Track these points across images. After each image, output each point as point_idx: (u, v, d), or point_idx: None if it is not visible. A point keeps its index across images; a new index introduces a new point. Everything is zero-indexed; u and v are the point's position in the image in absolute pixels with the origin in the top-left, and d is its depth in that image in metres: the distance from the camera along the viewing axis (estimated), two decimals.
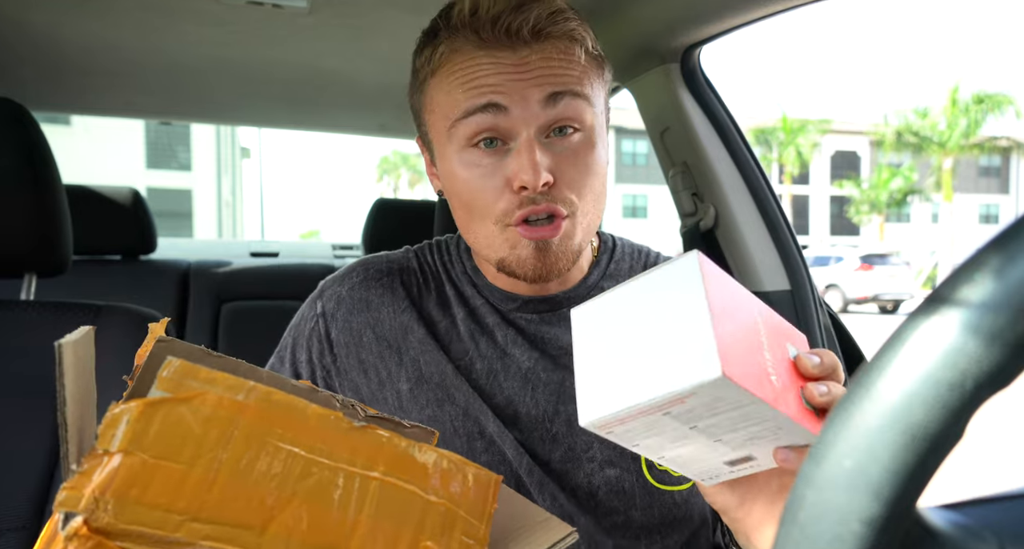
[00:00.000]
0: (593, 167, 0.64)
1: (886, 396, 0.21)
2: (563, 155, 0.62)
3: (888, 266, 15.24)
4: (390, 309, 0.73)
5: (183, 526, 0.33)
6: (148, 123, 18.90)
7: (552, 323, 0.72)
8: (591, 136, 0.64)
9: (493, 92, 0.60)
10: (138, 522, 0.32)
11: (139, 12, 1.13)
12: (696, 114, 1.16)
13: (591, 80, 0.64)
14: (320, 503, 0.36)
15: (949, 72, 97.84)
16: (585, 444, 0.67)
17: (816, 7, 0.94)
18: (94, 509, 0.31)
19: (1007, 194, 33.94)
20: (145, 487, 0.32)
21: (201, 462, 0.34)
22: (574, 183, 0.63)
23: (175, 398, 0.34)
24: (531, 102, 0.60)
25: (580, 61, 0.63)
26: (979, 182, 33.64)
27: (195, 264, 1.91)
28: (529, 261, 0.64)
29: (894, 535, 0.21)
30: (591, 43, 0.65)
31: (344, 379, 0.72)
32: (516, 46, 0.61)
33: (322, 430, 0.38)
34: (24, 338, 0.85)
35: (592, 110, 0.64)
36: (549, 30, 0.61)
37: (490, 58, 0.61)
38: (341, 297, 0.74)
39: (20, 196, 0.86)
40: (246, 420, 0.36)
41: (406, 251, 0.79)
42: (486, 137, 0.62)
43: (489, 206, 0.63)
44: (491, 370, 0.70)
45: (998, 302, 0.19)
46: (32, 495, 0.79)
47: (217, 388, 0.36)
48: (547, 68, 0.61)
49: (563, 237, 0.63)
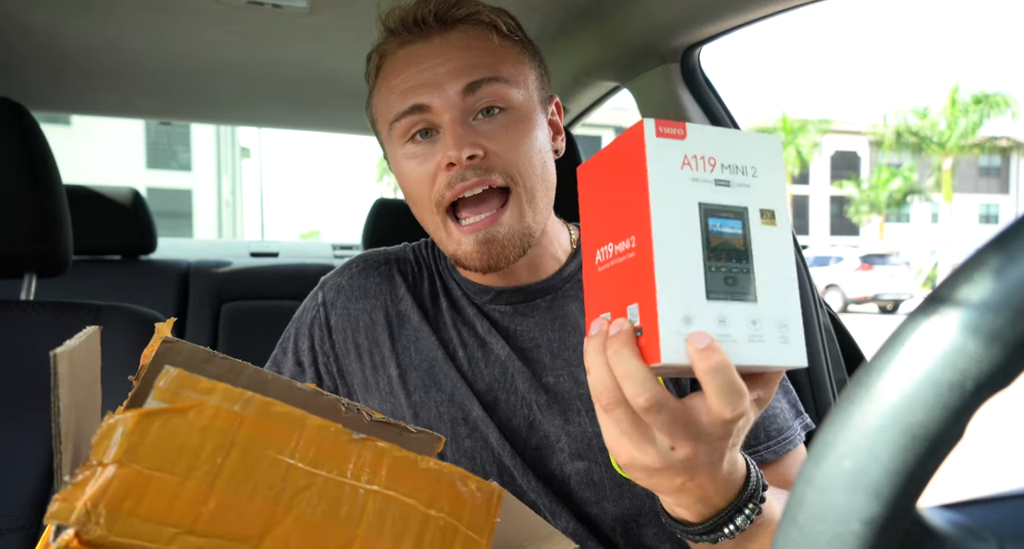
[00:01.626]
0: (527, 143, 0.66)
1: (886, 396, 0.21)
2: (492, 132, 0.65)
3: (888, 266, 15.24)
4: (387, 297, 0.76)
5: (176, 539, 0.32)
6: (148, 123, 18.90)
7: (525, 314, 0.73)
8: (522, 115, 0.67)
9: (415, 94, 0.65)
10: (130, 535, 0.31)
11: (140, 12, 1.13)
12: (696, 114, 1.16)
13: (510, 64, 0.67)
14: (317, 516, 0.36)
15: (949, 72, 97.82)
16: (555, 435, 0.68)
17: (816, 7, 0.94)
18: (86, 521, 0.31)
19: (1007, 194, 33.93)
20: (139, 499, 0.32)
21: (196, 474, 0.33)
22: (505, 156, 0.65)
23: (172, 408, 0.34)
24: (450, 93, 0.64)
25: (495, 46, 0.66)
26: (979, 182, 33.64)
27: (195, 264, 1.91)
28: (475, 254, 0.66)
29: (894, 535, 0.21)
30: (506, 27, 0.68)
31: (343, 364, 0.75)
32: (428, 35, 0.66)
33: (320, 442, 0.37)
34: (24, 338, 0.85)
35: (517, 91, 0.67)
36: (454, 14, 0.66)
37: (407, 55, 0.66)
38: (341, 286, 0.78)
39: (20, 196, 0.86)
40: (243, 431, 0.35)
41: (404, 246, 0.83)
42: (420, 129, 0.66)
43: (427, 193, 0.66)
44: (472, 358, 0.72)
45: (998, 302, 0.19)
46: (32, 495, 0.79)
47: (215, 398, 0.35)
48: (461, 57, 0.65)
49: (509, 224, 0.65)
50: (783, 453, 0.66)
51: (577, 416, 0.68)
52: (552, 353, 0.71)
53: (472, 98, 0.64)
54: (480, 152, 0.63)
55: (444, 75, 0.64)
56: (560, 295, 0.74)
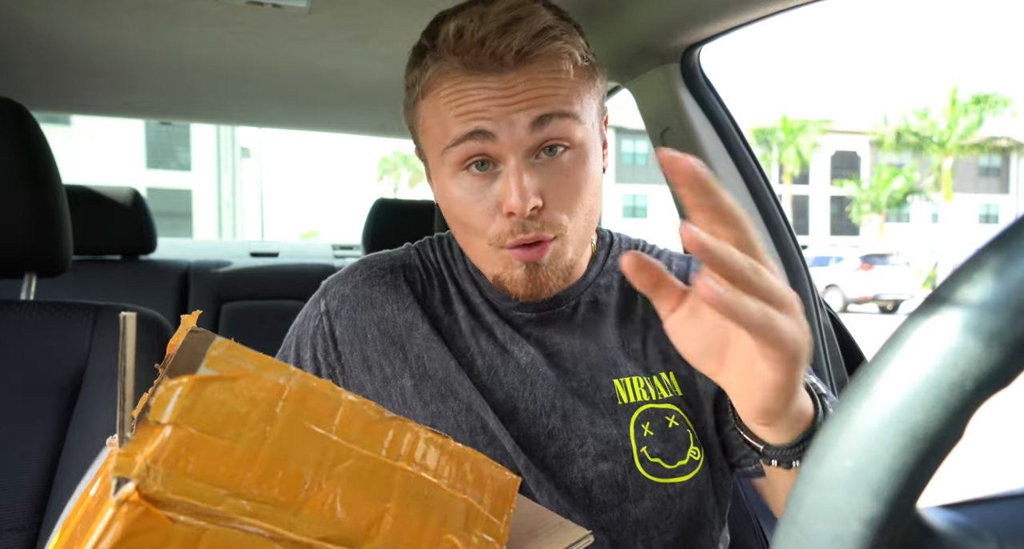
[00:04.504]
0: (585, 183, 0.65)
1: (886, 396, 0.21)
2: (553, 175, 0.63)
3: (888, 266, 15.24)
4: (394, 306, 0.74)
5: (224, 501, 0.33)
6: (148, 123, 18.86)
7: (550, 321, 0.72)
8: (582, 151, 0.64)
9: (480, 118, 0.61)
10: (184, 493, 0.33)
11: (139, 12, 1.13)
12: (696, 114, 1.17)
13: (580, 95, 0.64)
14: (352, 488, 0.37)
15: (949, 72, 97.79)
16: (579, 439, 0.68)
17: (816, 7, 0.94)
18: (145, 476, 0.32)
19: (1007, 194, 33.92)
20: (192, 460, 0.33)
21: (244, 440, 0.35)
22: (563, 203, 0.63)
23: (223, 377, 0.35)
24: (518, 126, 0.60)
25: (569, 77, 0.63)
26: (979, 182, 33.63)
27: (195, 264, 1.91)
28: (521, 281, 0.65)
29: (894, 535, 0.21)
30: (580, 54, 0.64)
31: (349, 376, 0.73)
32: (502, 71, 0.61)
33: (355, 418, 0.39)
34: (24, 338, 0.85)
35: (582, 126, 0.64)
36: (535, 52, 0.61)
37: (476, 82, 0.61)
38: (345, 295, 0.75)
39: (20, 196, 0.86)
40: (287, 403, 0.37)
41: (407, 248, 0.80)
42: (476, 160, 0.63)
43: (482, 228, 0.64)
44: (491, 366, 0.70)
45: (998, 302, 0.19)
46: (32, 495, 0.79)
47: (261, 370, 0.37)
48: (533, 90, 0.61)
49: (552, 257, 0.65)
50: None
51: (602, 419, 0.68)
52: (575, 358, 0.71)
53: (540, 133, 0.61)
54: (540, 202, 0.61)
55: (514, 106, 0.60)
56: (582, 301, 0.73)
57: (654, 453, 0.67)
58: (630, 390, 0.69)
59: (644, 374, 0.71)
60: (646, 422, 0.68)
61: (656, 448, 0.67)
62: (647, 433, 0.68)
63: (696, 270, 0.75)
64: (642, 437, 0.68)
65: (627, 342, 0.72)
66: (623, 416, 0.68)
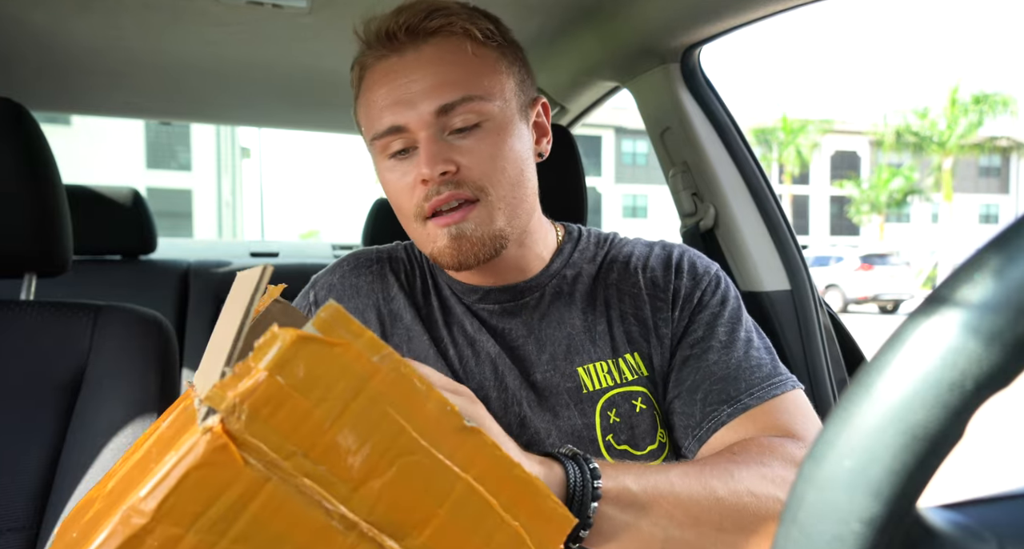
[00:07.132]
0: (500, 153, 0.67)
1: (886, 396, 0.21)
2: (466, 146, 0.66)
3: (888, 266, 15.23)
4: (380, 295, 0.76)
5: (292, 457, 0.34)
6: (148, 123, 18.89)
7: (514, 313, 0.74)
8: (498, 126, 0.67)
9: (391, 114, 0.65)
10: (260, 438, 0.33)
11: (139, 12, 1.13)
12: (696, 114, 1.16)
13: (486, 74, 0.67)
14: (411, 482, 0.37)
15: (949, 72, 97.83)
16: (545, 431, 0.69)
17: (816, 7, 0.94)
18: (230, 412, 0.33)
19: (1007, 194, 33.92)
20: (275, 410, 0.34)
21: (324, 406, 0.35)
22: (479, 168, 0.66)
23: (324, 340, 0.35)
24: (423, 113, 0.65)
25: (468, 55, 0.66)
26: (979, 182, 33.63)
27: (195, 264, 1.91)
28: (447, 251, 0.67)
29: (894, 535, 0.21)
30: (481, 34, 0.67)
31: None
32: (401, 50, 0.65)
33: (435, 417, 0.38)
34: (24, 338, 0.85)
35: (493, 103, 0.66)
36: (426, 27, 0.65)
37: (383, 69, 0.66)
38: (332, 285, 0.78)
39: (20, 196, 0.86)
40: (374, 382, 0.37)
41: (396, 244, 0.84)
42: (398, 149, 0.67)
43: (407, 205, 0.68)
44: (463, 356, 0.73)
45: (998, 302, 0.19)
46: (32, 495, 0.79)
47: (360, 343, 0.36)
48: (434, 74, 0.65)
49: (477, 224, 0.66)
50: (767, 398, 0.67)
51: (565, 410, 0.69)
52: (539, 349, 0.72)
53: (445, 118, 0.65)
54: (452, 167, 0.65)
55: (418, 94, 0.65)
56: (546, 293, 0.75)
57: (621, 440, 0.69)
58: (595, 377, 0.71)
59: (611, 356, 0.72)
60: (612, 409, 0.69)
61: (623, 434, 0.69)
62: (613, 419, 0.69)
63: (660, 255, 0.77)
64: (608, 425, 0.69)
65: (592, 326, 0.73)
66: (588, 405, 0.69)
